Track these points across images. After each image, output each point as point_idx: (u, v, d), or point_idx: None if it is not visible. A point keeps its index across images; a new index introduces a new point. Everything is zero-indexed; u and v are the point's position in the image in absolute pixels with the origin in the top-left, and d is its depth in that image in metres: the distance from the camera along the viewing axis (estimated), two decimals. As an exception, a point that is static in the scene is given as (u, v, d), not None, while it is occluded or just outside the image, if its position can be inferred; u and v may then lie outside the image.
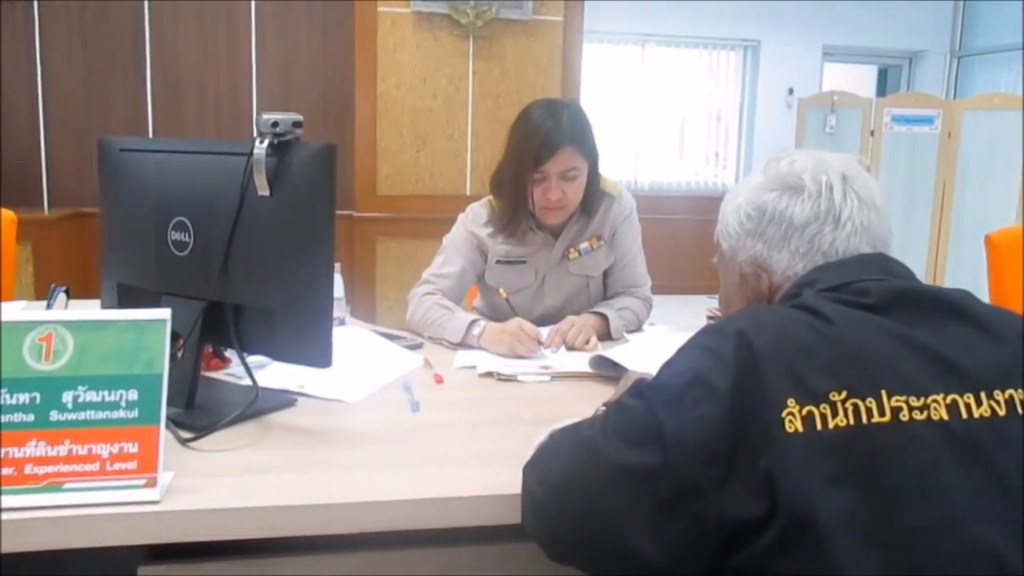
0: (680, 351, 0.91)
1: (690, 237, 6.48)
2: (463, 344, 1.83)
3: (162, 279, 1.38)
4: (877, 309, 0.89)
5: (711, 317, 1.87)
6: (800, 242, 1.01)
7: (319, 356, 1.26)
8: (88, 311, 1.07)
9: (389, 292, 4.25)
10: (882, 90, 7.80)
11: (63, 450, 1.00)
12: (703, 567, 0.82)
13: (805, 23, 7.11)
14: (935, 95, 6.20)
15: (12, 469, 0.98)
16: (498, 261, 2.03)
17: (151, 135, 4.58)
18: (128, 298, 1.45)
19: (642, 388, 0.90)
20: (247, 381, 1.33)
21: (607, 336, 1.95)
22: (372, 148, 4.22)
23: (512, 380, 1.60)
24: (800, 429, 0.79)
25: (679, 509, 0.81)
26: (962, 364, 0.85)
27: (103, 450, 1.00)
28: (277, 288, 1.27)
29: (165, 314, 1.06)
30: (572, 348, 1.83)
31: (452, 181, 4.31)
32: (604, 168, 2.02)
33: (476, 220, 2.04)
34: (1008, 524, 0.78)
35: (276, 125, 1.23)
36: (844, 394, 0.81)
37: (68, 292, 1.85)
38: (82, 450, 1.00)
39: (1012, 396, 0.83)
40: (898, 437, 0.79)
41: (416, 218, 4.15)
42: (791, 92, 7.11)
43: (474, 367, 1.67)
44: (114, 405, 1.02)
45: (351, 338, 1.77)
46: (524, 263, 2.04)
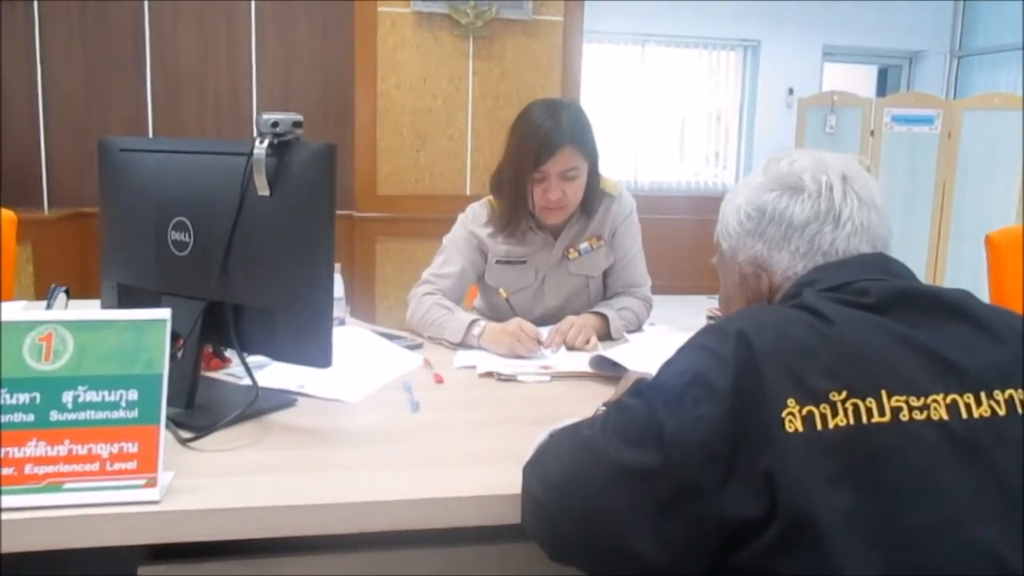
0: (680, 351, 0.91)
1: (690, 237, 6.48)
2: (463, 344, 1.83)
3: (162, 279, 1.38)
4: (877, 309, 0.89)
5: (711, 317, 1.86)
6: (800, 242, 1.01)
7: (319, 356, 1.26)
8: (88, 311, 1.07)
9: (389, 292, 4.25)
10: (882, 90, 7.80)
11: (63, 450, 1.00)
12: (703, 567, 0.82)
13: (805, 23, 7.11)
14: (935, 95, 6.20)
15: (12, 469, 0.98)
16: (498, 261, 2.03)
17: (151, 135, 4.58)
18: (128, 298, 1.45)
19: (642, 388, 0.90)
20: (247, 381, 1.33)
21: (607, 336, 1.95)
22: (372, 148, 4.22)
23: (512, 380, 1.60)
24: (800, 429, 0.79)
25: (679, 509, 0.81)
26: (962, 364, 0.85)
27: (103, 450, 1.00)
28: (277, 288, 1.27)
29: (165, 314, 1.06)
30: (572, 348, 1.83)
31: (452, 181, 4.31)
32: (604, 168, 2.02)
33: (476, 220, 2.04)
34: (1008, 524, 0.78)
35: (276, 125, 1.23)
36: (844, 394, 0.81)
37: (68, 292, 1.85)
38: (82, 450, 1.00)
39: (1012, 396, 0.83)
40: (898, 437, 0.80)
41: (416, 218, 4.15)
42: (791, 92, 7.11)
43: (474, 367, 1.67)
44: (114, 405, 1.02)
45: (351, 338, 1.77)
46: (524, 263, 2.04)
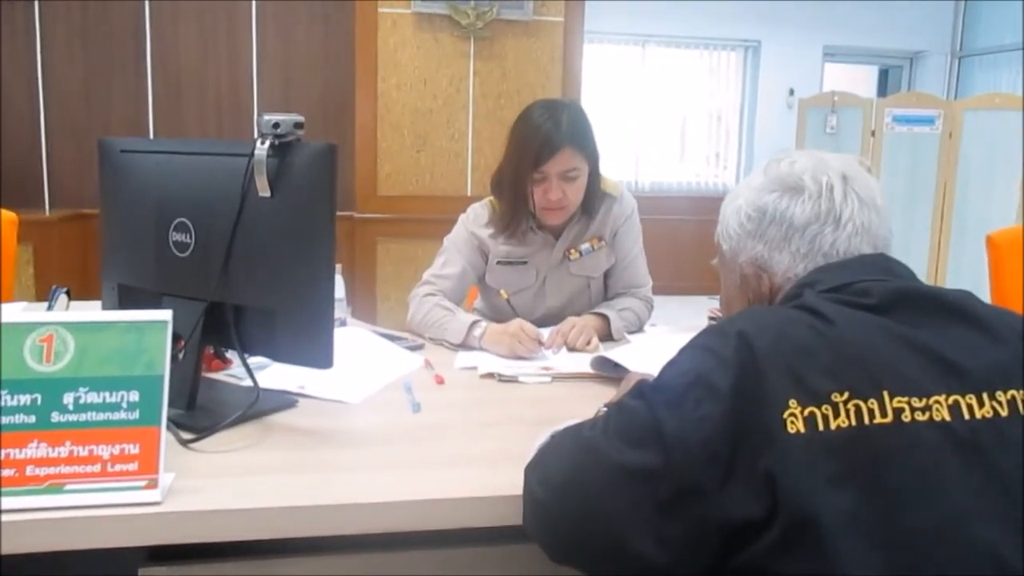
0: (681, 352, 0.91)
1: (691, 238, 6.48)
2: (464, 345, 1.82)
3: (163, 280, 1.38)
4: (878, 310, 0.89)
5: (712, 318, 1.86)
6: (801, 243, 1.01)
7: (320, 357, 1.26)
8: (89, 312, 1.08)
9: (390, 293, 4.24)
10: (883, 90, 7.79)
11: (64, 451, 1.00)
12: (704, 568, 0.82)
13: (805, 23, 7.11)
14: (936, 95, 6.19)
15: (13, 470, 0.98)
16: (499, 262, 2.03)
17: (151, 135, 4.59)
18: (129, 299, 1.45)
19: (643, 389, 0.90)
20: (248, 382, 1.33)
21: (608, 337, 1.95)
22: (373, 149, 4.21)
23: (513, 381, 1.60)
24: (802, 430, 0.79)
25: (680, 510, 0.81)
26: (963, 365, 0.85)
27: (104, 451, 1.00)
28: (278, 289, 1.27)
29: (166, 315, 1.06)
30: (573, 349, 1.83)
31: (453, 182, 4.31)
32: (605, 168, 2.02)
33: (477, 221, 2.04)
34: (1009, 524, 0.78)
35: (277, 126, 1.23)
36: (846, 395, 0.81)
37: (69, 293, 1.86)
38: (83, 451, 1.00)
39: (1014, 397, 0.83)
40: (900, 438, 0.80)
41: (417, 219, 4.15)
42: (792, 92, 7.11)
43: (475, 368, 1.67)
44: (115, 406, 1.02)
45: (352, 339, 1.77)
46: (525, 264, 2.04)
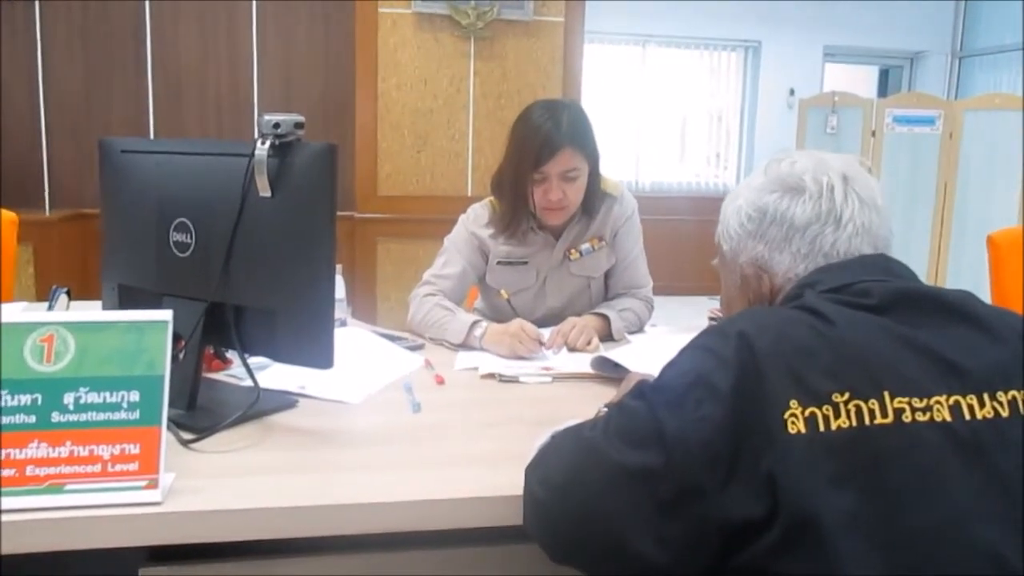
0: (682, 352, 0.91)
1: (691, 238, 6.48)
2: (465, 345, 1.82)
3: (163, 280, 1.38)
4: (879, 310, 0.89)
5: (713, 318, 1.87)
6: (801, 243, 1.01)
7: (320, 357, 1.26)
8: (89, 312, 1.07)
9: (390, 293, 4.24)
10: (883, 91, 7.80)
11: (64, 451, 1.00)
12: (704, 568, 0.82)
13: (806, 24, 7.11)
14: (936, 96, 6.19)
15: (13, 470, 0.98)
16: (499, 262, 2.03)
17: (152, 136, 4.58)
18: (129, 299, 1.45)
19: (644, 389, 0.90)
20: (248, 382, 1.33)
21: (608, 337, 1.95)
22: (373, 149, 4.21)
23: (514, 381, 1.60)
24: (803, 430, 0.79)
25: (680, 510, 0.81)
26: (964, 365, 0.85)
27: (105, 451, 1.00)
28: (278, 289, 1.27)
29: (166, 315, 1.06)
30: (574, 349, 1.83)
31: (453, 182, 4.31)
32: (605, 169, 2.02)
33: (477, 221, 2.04)
34: (1009, 525, 0.78)
35: (278, 126, 1.23)
36: (847, 395, 0.81)
37: (69, 293, 1.85)
38: (83, 451, 1.00)
39: (1015, 397, 0.84)
40: (901, 438, 0.80)
41: (417, 219, 4.15)
42: (792, 93, 7.11)
43: (475, 368, 1.67)
44: (115, 406, 1.02)
45: (352, 339, 1.77)
46: (525, 264, 2.04)
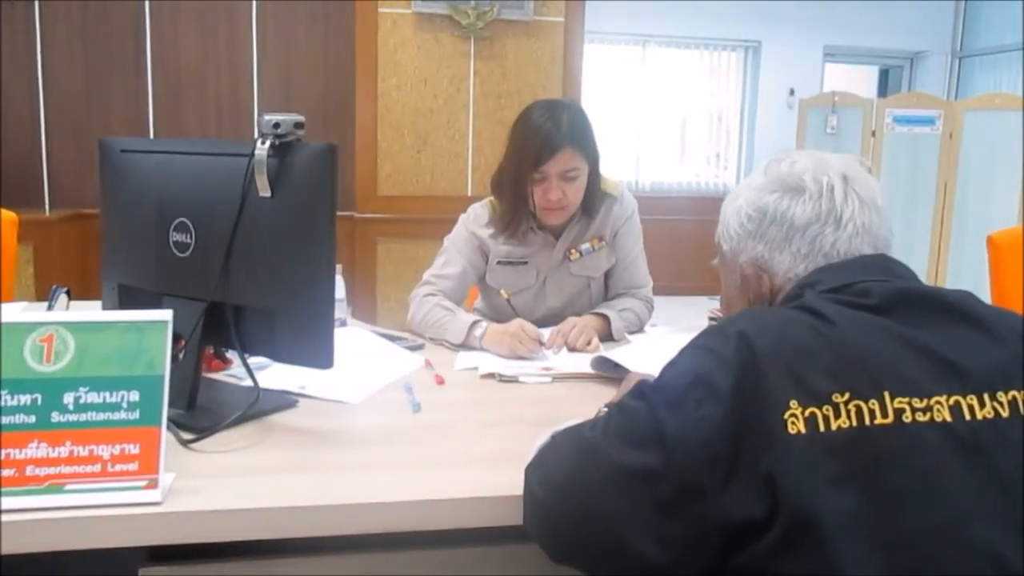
0: (682, 352, 0.91)
1: (691, 238, 6.47)
2: (465, 345, 1.82)
3: (163, 280, 1.38)
4: (879, 310, 0.89)
5: (713, 318, 1.87)
6: (801, 243, 1.01)
7: (320, 357, 1.26)
8: (89, 312, 1.07)
9: (390, 293, 4.24)
10: (883, 91, 7.79)
11: (64, 451, 1.00)
12: (704, 568, 0.82)
13: (806, 23, 7.11)
14: (936, 96, 6.19)
15: (13, 470, 0.98)
16: (499, 262, 2.03)
17: (152, 135, 4.58)
18: (129, 299, 1.45)
19: (644, 389, 0.90)
20: (248, 382, 1.33)
21: (608, 337, 1.95)
22: (373, 149, 4.21)
23: (514, 381, 1.60)
24: (803, 430, 0.79)
25: (680, 510, 0.81)
26: (964, 365, 0.85)
27: (104, 451, 1.00)
28: (278, 289, 1.27)
29: (166, 315, 1.06)
30: (573, 349, 1.83)
31: (453, 182, 4.31)
32: (605, 168, 2.02)
33: (477, 221, 2.04)
34: (1010, 525, 0.78)
35: (278, 126, 1.23)
36: (847, 395, 0.81)
37: (69, 293, 1.85)
38: (83, 451, 1.00)
39: (1015, 397, 0.84)
40: (901, 439, 0.80)
41: (417, 219, 4.15)
42: (792, 93, 7.11)
43: (475, 368, 1.67)
44: (115, 406, 1.01)
45: (352, 339, 1.77)
46: (525, 264, 2.04)
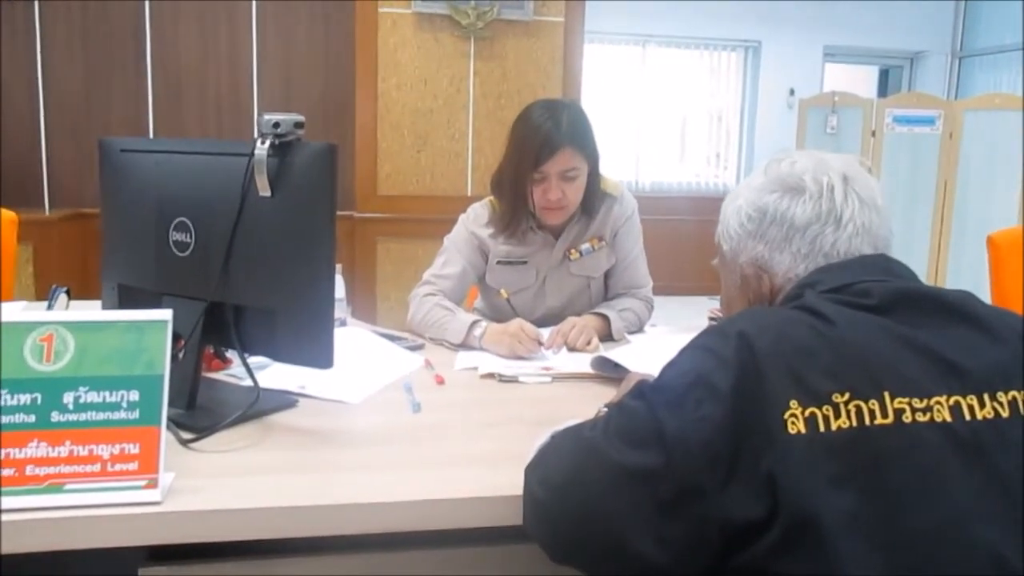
0: (682, 352, 0.91)
1: (691, 238, 6.47)
2: (464, 345, 1.82)
3: (163, 280, 1.38)
4: (879, 310, 0.89)
5: (713, 318, 1.86)
6: (801, 243, 1.01)
7: (320, 357, 1.26)
8: (89, 312, 1.07)
9: (390, 293, 4.24)
10: (883, 91, 7.80)
11: (64, 451, 1.00)
12: (704, 568, 0.82)
13: (806, 24, 7.11)
14: (936, 96, 6.19)
15: (13, 470, 0.98)
16: (499, 262, 2.03)
17: (152, 135, 4.58)
18: (129, 299, 1.45)
19: (644, 389, 0.90)
20: (248, 382, 1.33)
21: (608, 337, 1.95)
22: (373, 148, 4.21)
23: (513, 381, 1.59)
24: (803, 431, 0.79)
25: (680, 510, 0.81)
26: (964, 365, 0.85)
27: (104, 451, 1.00)
28: (278, 289, 1.27)
29: (166, 315, 1.06)
30: (573, 349, 1.83)
31: (453, 182, 4.31)
32: (605, 168, 2.02)
33: (477, 220, 2.04)
34: (1010, 525, 0.78)
35: (278, 126, 1.23)
36: (847, 396, 0.81)
37: (69, 293, 1.85)
38: (83, 451, 1.00)
39: (1015, 398, 0.83)
40: (901, 439, 0.80)
41: (417, 219, 4.15)
42: (792, 93, 7.11)
43: (475, 368, 1.67)
44: (115, 406, 1.01)
45: (352, 339, 1.77)
46: (525, 263, 2.04)
